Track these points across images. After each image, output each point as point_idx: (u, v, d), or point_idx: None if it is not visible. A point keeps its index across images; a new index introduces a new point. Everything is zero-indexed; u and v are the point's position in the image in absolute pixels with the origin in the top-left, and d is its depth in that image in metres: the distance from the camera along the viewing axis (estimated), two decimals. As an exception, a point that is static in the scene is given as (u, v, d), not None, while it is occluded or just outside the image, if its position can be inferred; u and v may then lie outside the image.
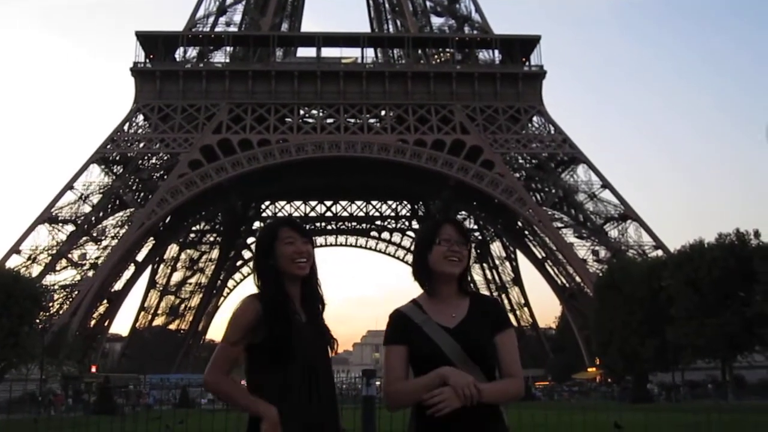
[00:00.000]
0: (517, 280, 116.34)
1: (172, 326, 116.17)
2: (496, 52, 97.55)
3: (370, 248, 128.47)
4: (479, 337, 3.43)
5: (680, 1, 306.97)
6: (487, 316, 3.51)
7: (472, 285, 3.90)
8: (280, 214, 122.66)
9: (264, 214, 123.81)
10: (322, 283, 3.77)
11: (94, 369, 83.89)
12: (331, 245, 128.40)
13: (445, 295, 3.56)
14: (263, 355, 3.45)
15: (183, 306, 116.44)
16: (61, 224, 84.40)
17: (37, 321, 59.84)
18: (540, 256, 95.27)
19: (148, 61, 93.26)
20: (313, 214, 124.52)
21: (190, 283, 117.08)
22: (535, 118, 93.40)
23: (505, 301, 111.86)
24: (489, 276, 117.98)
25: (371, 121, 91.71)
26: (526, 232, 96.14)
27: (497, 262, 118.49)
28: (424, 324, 3.48)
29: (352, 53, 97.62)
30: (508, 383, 3.43)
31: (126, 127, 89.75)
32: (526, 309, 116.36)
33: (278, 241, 3.59)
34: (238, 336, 3.47)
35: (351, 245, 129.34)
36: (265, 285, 3.60)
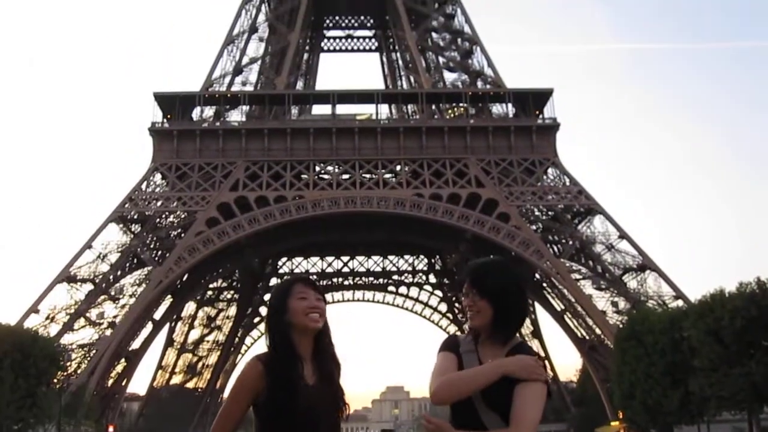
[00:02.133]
0: (536, 333, 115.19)
1: (190, 384, 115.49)
2: (510, 105, 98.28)
3: (388, 303, 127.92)
4: (500, 388, 3.35)
5: (694, 46, 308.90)
6: None
7: None
8: (297, 270, 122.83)
9: (281, 271, 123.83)
10: (336, 343, 3.77)
11: (111, 429, 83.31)
12: (348, 300, 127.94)
13: (487, 342, 3.53)
14: (266, 415, 3.47)
15: (200, 364, 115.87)
16: (79, 283, 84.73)
17: (55, 381, 59.75)
18: (559, 309, 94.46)
19: (165, 120, 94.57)
20: (329, 269, 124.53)
21: (208, 341, 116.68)
22: (550, 170, 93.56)
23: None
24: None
25: (386, 176, 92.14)
26: (544, 285, 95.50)
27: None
28: (465, 354, 3.47)
29: (366, 110, 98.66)
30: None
31: (144, 186, 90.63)
32: (546, 362, 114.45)
33: (291, 297, 3.66)
34: (238, 397, 3.56)
35: (368, 300, 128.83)
36: (274, 343, 3.63)
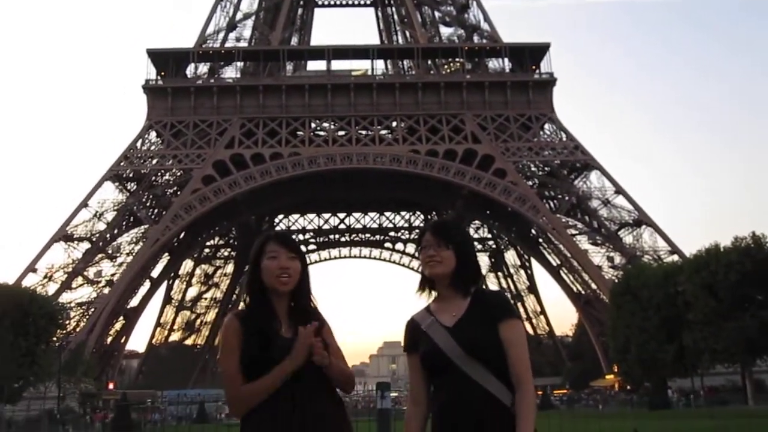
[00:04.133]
0: (533, 288, 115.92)
1: (189, 341, 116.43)
2: (506, 60, 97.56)
3: (385, 259, 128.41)
4: (476, 333, 3.45)
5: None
6: (488, 310, 3.54)
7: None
8: (293, 227, 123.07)
9: (277, 228, 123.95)
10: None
11: (111, 386, 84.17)
12: (345, 257, 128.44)
13: (447, 296, 3.68)
14: (245, 370, 3.47)
15: (199, 321, 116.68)
16: (76, 242, 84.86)
17: (54, 339, 60.15)
18: (555, 264, 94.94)
19: (159, 77, 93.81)
20: (326, 226, 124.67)
21: (206, 298, 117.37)
22: (546, 126, 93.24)
23: (521, 310, 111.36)
24: (504, 284, 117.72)
25: (382, 132, 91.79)
26: (540, 240, 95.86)
27: (512, 270, 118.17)
28: (429, 327, 3.59)
29: (362, 65, 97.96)
30: (522, 410, 3.37)
31: (139, 144, 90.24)
32: (542, 317, 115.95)
33: (263, 256, 3.63)
34: (226, 355, 3.55)
35: (365, 257, 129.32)
36: (249, 300, 3.65)
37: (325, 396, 3.55)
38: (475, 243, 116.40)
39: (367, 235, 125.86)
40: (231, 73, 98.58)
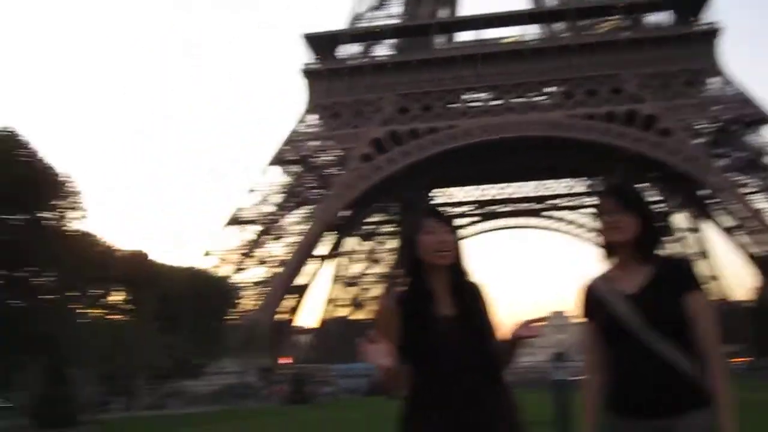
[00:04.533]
0: (704, 252, 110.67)
1: (357, 316, 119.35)
2: (665, 13, 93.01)
3: (547, 228, 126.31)
4: (659, 303, 3.24)
5: None
6: (673, 279, 3.30)
7: None
8: (451, 201, 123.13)
9: (434, 201, 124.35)
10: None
11: (285, 360, 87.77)
12: (506, 228, 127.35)
13: (627, 262, 3.44)
14: (404, 352, 3.39)
15: (366, 296, 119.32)
16: (246, 225, 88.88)
17: (230, 317, 63.38)
18: (728, 225, 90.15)
19: (315, 61, 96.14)
20: (484, 197, 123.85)
21: (370, 274, 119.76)
22: (712, 79, 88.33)
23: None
24: (673, 249, 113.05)
25: (538, 98, 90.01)
26: (711, 201, 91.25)
27: (681, 234, 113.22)
28: (608, 294, 3.38)
29: (512, 32, 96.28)
30: (717, 385, 3.15)
31: (300, 128, 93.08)
32: (715, 281, 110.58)
33: (420, 232, 3.52)
34: (382, 335, 3.46)
35: (527, 227, 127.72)
36: (406, 278, 3.55)
37: (489, 382, 3.36)
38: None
39: (528, 204, 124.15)
40: (382, 50, 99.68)
